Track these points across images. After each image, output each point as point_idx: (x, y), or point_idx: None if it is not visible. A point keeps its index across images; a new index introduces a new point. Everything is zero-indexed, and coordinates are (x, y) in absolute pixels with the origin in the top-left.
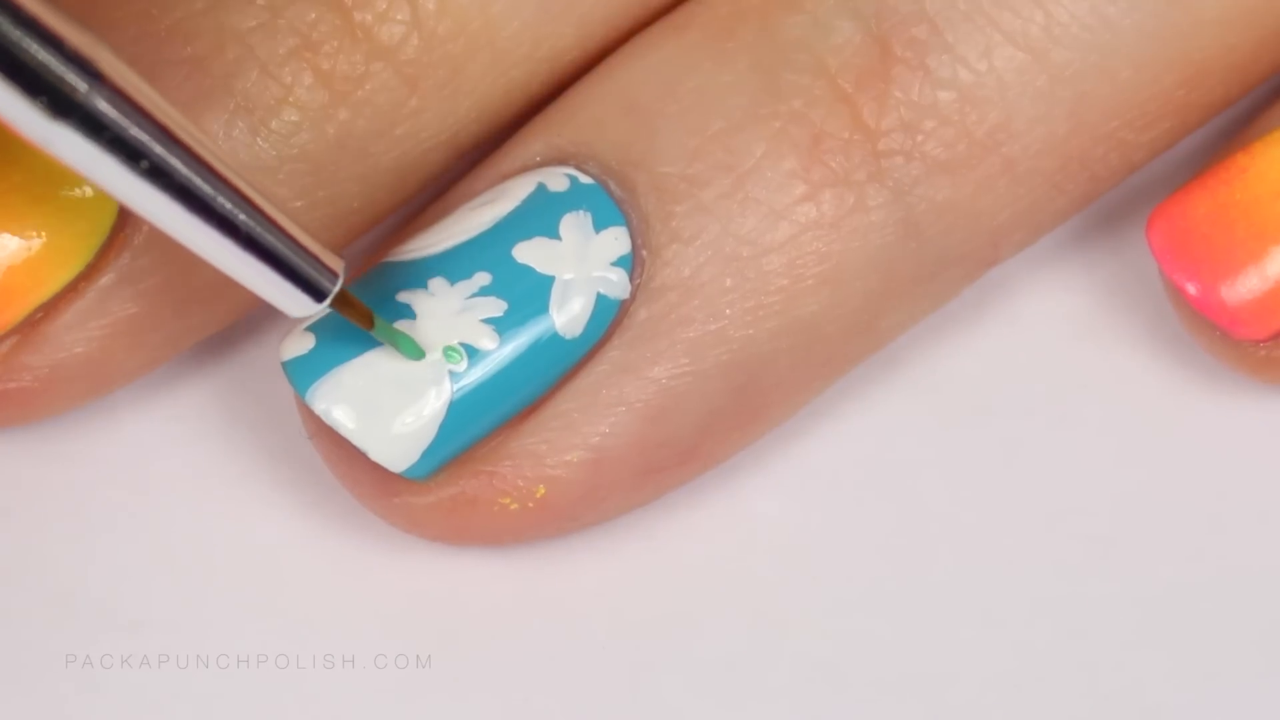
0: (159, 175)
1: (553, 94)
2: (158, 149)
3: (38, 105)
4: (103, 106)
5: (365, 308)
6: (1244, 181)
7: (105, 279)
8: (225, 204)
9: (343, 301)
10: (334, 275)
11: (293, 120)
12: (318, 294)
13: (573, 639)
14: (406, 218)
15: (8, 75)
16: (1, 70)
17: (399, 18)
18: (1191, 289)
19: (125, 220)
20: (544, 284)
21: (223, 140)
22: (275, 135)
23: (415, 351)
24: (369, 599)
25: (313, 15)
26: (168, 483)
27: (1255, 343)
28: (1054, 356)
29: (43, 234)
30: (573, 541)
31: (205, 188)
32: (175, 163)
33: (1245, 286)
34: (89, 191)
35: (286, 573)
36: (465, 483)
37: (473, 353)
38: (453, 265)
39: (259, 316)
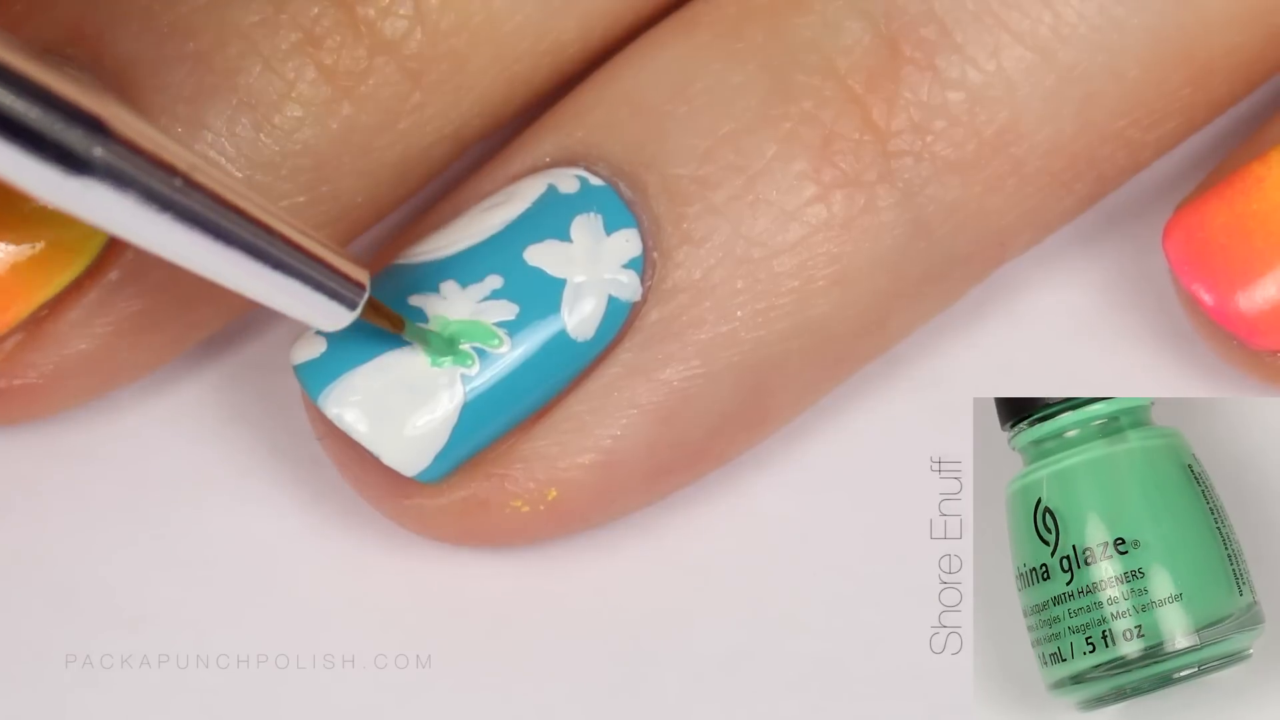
0: (188, 220)
1: (556, 88)
2: (180, 199)
3: (53, 168)
4: (118, 163)
5: (394, 313)
6: (1261, 191)
7: (110, 276)
8: (251, 238)
9: (372, 309)
10: (360, 287)
11: (296, 115)
12: (348, 304)
13: (574, 638)
14: (410, 212)
15: (20, 143)
16: (12, 138)
17: (402, 12)
18: (1208, 299)
19: None
20: (555, 286)
21: (225, 136)
22: (278, 130)
23: (445, 349)
24: (369, 599)
25: (315, 10)
26: (168, 481)
27: (1272, 352)
28: (1056, 353)
29: (47, 232)
30: (574, 540)
31: (232, 227)
32: (199, 209)
33: (1262, 296)
34: None
35: (287, 572)
36: (477, 485)
37: (485, 355)
38: (464, 268)
39: (261, 315)
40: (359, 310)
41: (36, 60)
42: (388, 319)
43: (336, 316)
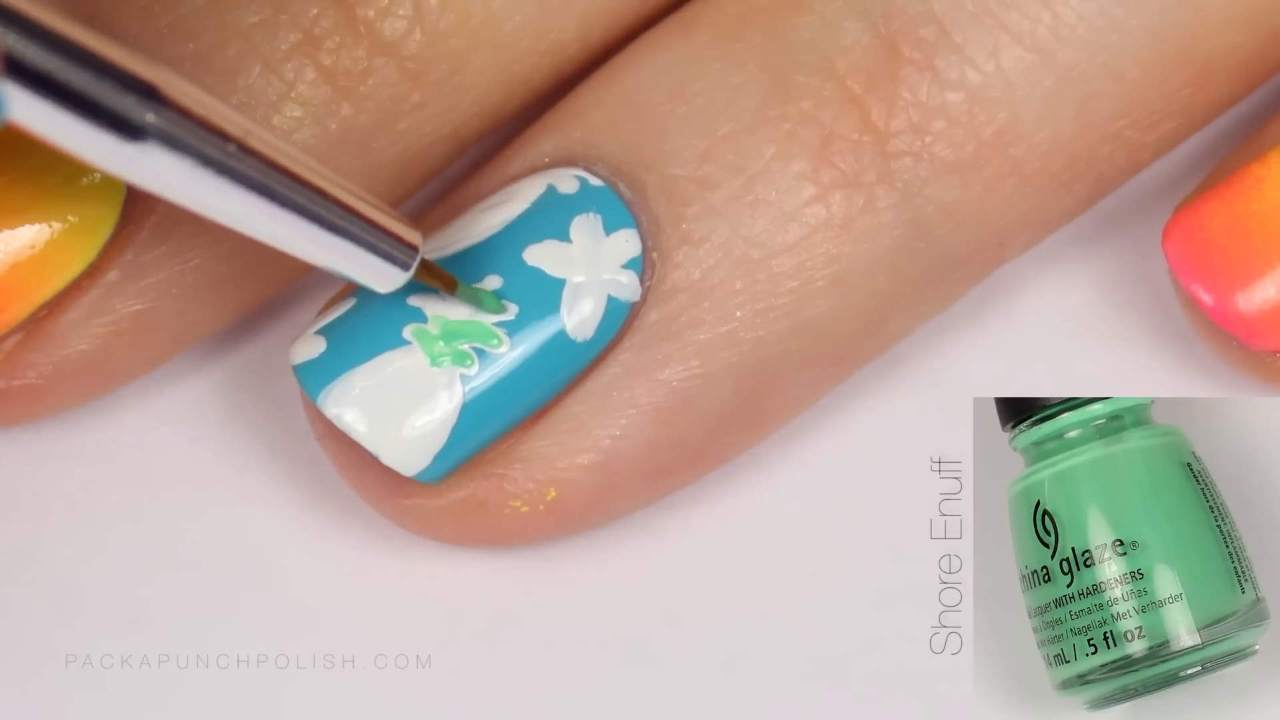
0: (243, 184)
1: (555, 88)
2: (234, 164)
3: (108, 135)
4: (171, 129)
5: (447, 273)
6: (1260, 192)
7: (110, 276)
8: (305, 202)
9: (425, 270)
10: (413, 249)
11: (295, 116)
12: (401, 265)
13: (573, 638)
14: (409, 212)
15: (74, 110)
16: (67, 106)
17: (401, 13)
18: (1208, 300)
19: (130, 217)
20: (555, 286)
21: None
22: (277, 131)
23: (497, 306)
24: (369, 599)
25: (315, 11)
26: (168, 481)
27: (1272, 353)
28: (1056, 353)
29: (47, 231)
30: (573, 540)
31: (287, 191)
32: (253, 173)
33: (1261, 296)
34: (93, 186)
35: (287, 572)
36: (476, 485)
37: (484, 355)
38: (463, 268)
39: (259, 316)
40: (412, 271)
41: (88, 28)
42: (440, 279)
43: (391, 277)
